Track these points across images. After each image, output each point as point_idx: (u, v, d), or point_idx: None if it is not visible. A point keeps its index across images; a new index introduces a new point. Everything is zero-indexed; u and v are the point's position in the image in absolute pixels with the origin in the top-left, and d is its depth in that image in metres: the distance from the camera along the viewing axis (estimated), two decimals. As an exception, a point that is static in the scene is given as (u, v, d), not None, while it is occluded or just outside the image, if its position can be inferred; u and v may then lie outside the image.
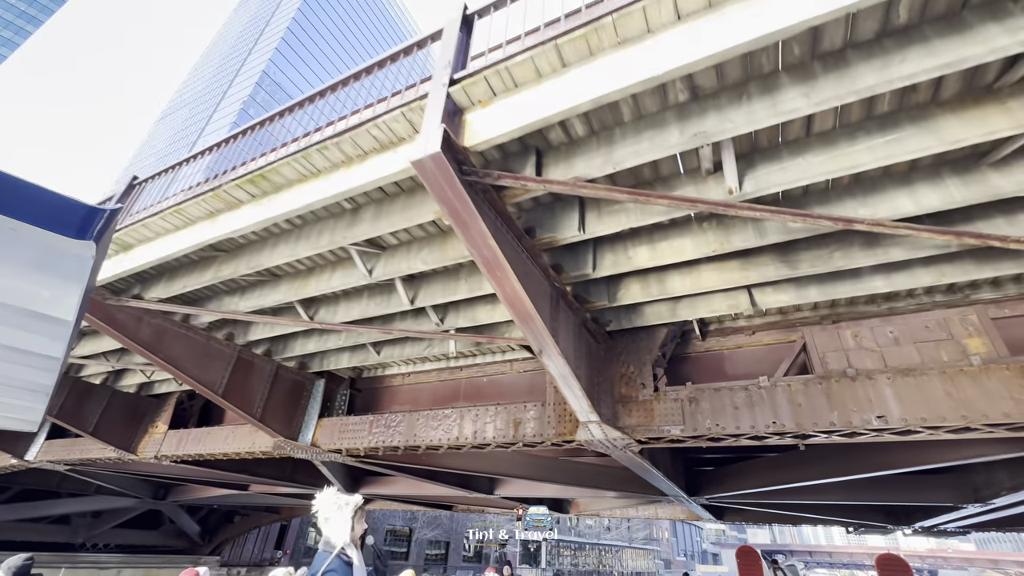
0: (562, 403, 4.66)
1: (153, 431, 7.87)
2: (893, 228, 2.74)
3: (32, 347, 2.71)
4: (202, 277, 4.31)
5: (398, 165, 2.86)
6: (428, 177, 2.47)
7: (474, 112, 2.67)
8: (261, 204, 3.46)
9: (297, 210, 3.26)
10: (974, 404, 3.24)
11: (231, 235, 3.61)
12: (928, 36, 2.04)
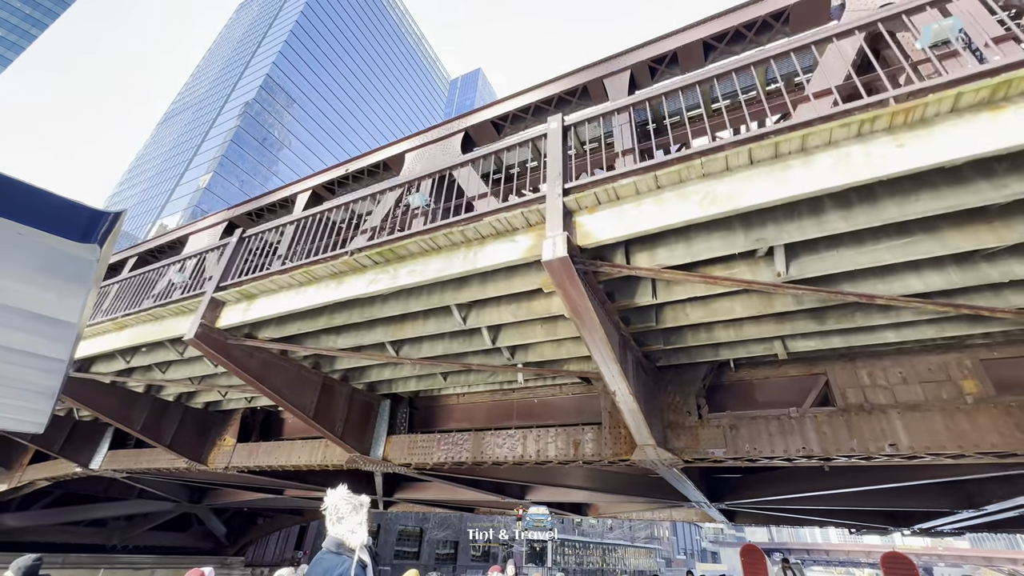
0: (617, 427, 5.43)
1: (222, 444, 8.61)
2: (905, 302, 3.53)
3: (38, 350, 2.75)
4: (315, 323, 5.06)
5: (515, 254, 3.62)
6: (553, 271, 3.23)
7: (582, 215, 3.43)
8: (385, 271, 4.21)
9: (422, 282, 4.01)
10: (968, 436, 4.03)
11: (356, 297, 4.35)
12: (937, 184, 2.81)
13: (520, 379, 6.05)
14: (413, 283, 4.04)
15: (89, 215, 1.93)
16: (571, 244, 3.25)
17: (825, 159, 2.76)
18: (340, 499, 2.35)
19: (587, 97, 8.95)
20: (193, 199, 59.96)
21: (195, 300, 5.44)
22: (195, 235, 14.07)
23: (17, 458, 12.26)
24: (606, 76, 8.28)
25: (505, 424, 6.93)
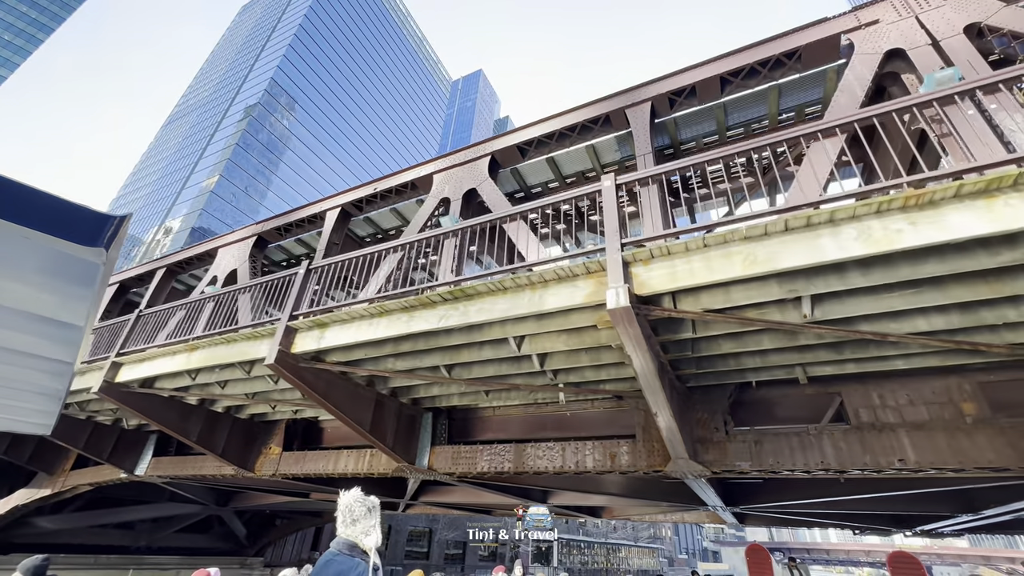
0: (650, 441, 6.00)
1: (268, 452, 9.17)
2: (913, 339, 4.10)
3: (46, 352, 2.76)
4: (381, 350, 5.62)
5: (576, 299, 4.18)
6: (615, 317, 3.80)
7: (637, 267, 4.00)
8: (455, 308, 4.77)
9: (490, 320, 4.58)
10: (967, 453, 4.61)
11: (425, 331, 4.91)
12: (944, 252, 3.38)
13: (562, 398, 6.62)
14: (482, 320, 4.61)
15: (95, 218, 1.92)
16: (630, 293, 3.83)
17: (850, 231, 3.33)
18: (354, 501, 2.34)
19: (609, 125, 9.59)
20: (199, 202, 60.46)
21: (270, 327, 6.00)
22: (224, 248, 14.68)
23: (59, 464, 12.82)
24: (628, 107, 8.90)
25: (539, 435, 7.51)
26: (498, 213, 5.54)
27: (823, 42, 7.83)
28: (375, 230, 13.89)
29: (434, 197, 10.36)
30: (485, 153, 10.30)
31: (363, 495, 2.37)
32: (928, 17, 6.89)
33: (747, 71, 8.32)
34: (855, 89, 7.12)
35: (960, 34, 6.49)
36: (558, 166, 11.02)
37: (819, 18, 8.29)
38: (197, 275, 16.72)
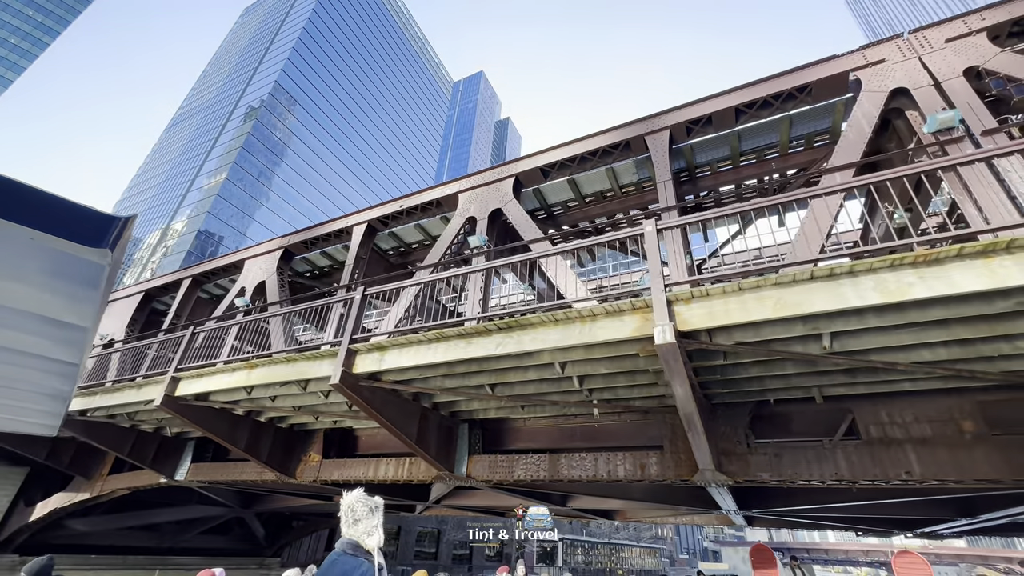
0: (678, 452, 6.57)
1: (308, 460, 9.73)
2: (920, 368, 4.68)
3: (52, 353, 2.73)
4: (435, 371, 6.18)
5: (624, 332, 4.74)
6: (661, 351, 4.37)
7: (679, 306, 4.56)
8: (510, 336, 5.34)
9: (542, 348, 5.14)
10: (966, 467, 5.18)
11: (482, 356, 5.48)
12: (948, 300, 3.95)
13: (596, 414, 7.18)
14: (535, 348, 5.17)
15: (100, 220, 1.91)
16: (675, 330, 4.39)
17: (867, 282, 3.90)
18: (356, 501, 2.33)
19: (628, 149, 10.17)
20: (204, 205, 60.92)
21: (331, 349, 6.56)
22: (251, 260, 15.26)
23: (96, 469, 13.36)
24: (647, 133, 9.49)
25: (568, 445, 8.09)
26: (539, 253, 6.10)
27: (832, 78, 8.40)
28: (398, 244, 14.47)
29: (460, 216, 10.91)
30: (510, 174, 10.86)
31: (366, 495, 2.37)
32: (931, 59, 7.44)
33: (761, 103, 8.89)
34: (863, 125, 7.68)
35: (960, 76, 7.05)
36: (578, 186, 11.59)
37: (829, 55, 8.85)
38: (222, 284, 17.27)
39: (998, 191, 4.59)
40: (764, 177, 10.66)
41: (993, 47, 7.11)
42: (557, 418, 8.19)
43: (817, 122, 9.50)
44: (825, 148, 9.81)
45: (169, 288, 17.44)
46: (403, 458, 8.67)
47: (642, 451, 6.85)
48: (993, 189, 4.62)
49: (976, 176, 4.79)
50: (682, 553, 67.26)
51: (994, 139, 6.15)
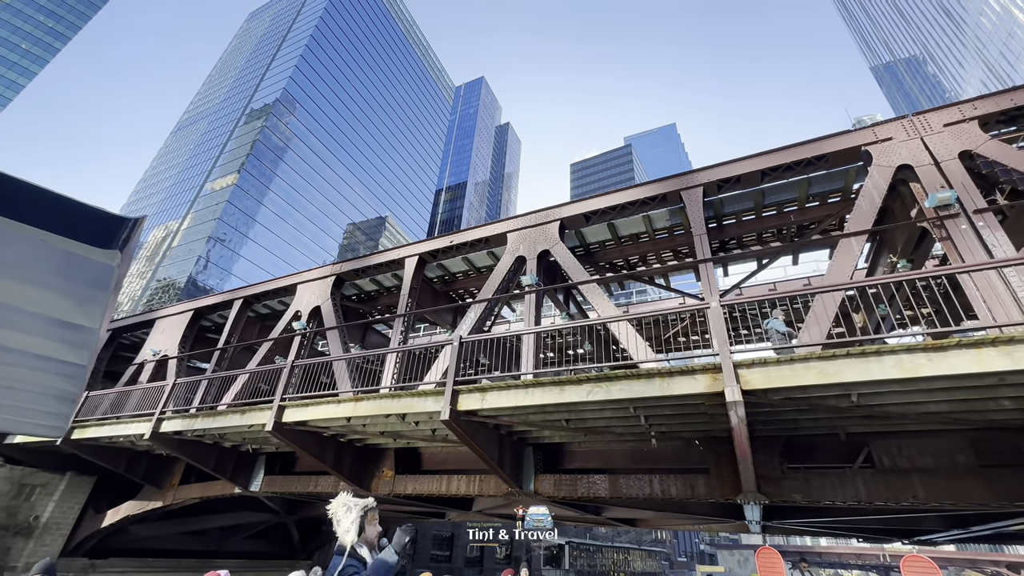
0: (722, 476, 7.89)
1: (382, 476, 10.98)
2: (925, 416, 6.04)
3: (59, 355, 2.74)
4: (527, 410, 7.47)
5: (697, 388, 6.06)
6: (730, 406, 5.69)
7: (742, 370, 5.88)
8: (600, 387, 6.64)
9: (626, 398, 6.44)
10: (961, 493, 6.54)
11: (574, 402, 6.77)
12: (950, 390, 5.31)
13: (653, 443, 8.50)
14: (620, 397, 6.49)
15: (110, 220, 1.92)
16: (740, 390, 5.72)
17: (889, 360, 5.24)
18: (337, 504, 2.45)
19: (664, 201, 11.58)
20: (215, 211, 61.78)
21: (438, 388, 7.85)
22: (304, 284, 16.56)
23: (167, 479, 14.53)
24: (683, 189, 10.90)
25: (620, 466, 9.42)
26: (607, 317, 7.42)
27: (847, 150, 9.82)
28: (443, 273, 15.81)
29: (510, 254, 12.24)
30: (555, 218, 12.22)
31: (346, 496, 2.51)
32: (931, 140, 8.86)
33: (784, 167, 10.30)
34: (874, 196, 9.09)
35: (956, 159, 8.48)
36: (615, 228, 12.98)
37: (844, 129, 10.28)
38: (270, 304, 18.48)
39: (1002, 295, 5.95)
40: (783, 227, 12.08)
41: (983, 134, 8.53)
42: (610, 442, 9.51)
43: (832, 183, 10.94)
44: (838, 204, 11.26)
45: (217, 307, 18.60)
46: (474, 475, 9.95)
47: (691, 474, 8.18)
48: (996, 293, 5.98)
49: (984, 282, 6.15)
50: (680, 556, 68.75)
51: (983, 217, 7.57)
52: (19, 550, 13.90)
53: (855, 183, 10.74)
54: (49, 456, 14.96)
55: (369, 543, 2.62)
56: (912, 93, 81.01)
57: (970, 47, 59.72)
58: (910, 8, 72.57)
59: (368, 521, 2.64)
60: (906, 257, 10.63)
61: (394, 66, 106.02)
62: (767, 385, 5.70)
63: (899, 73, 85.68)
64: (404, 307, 13.01)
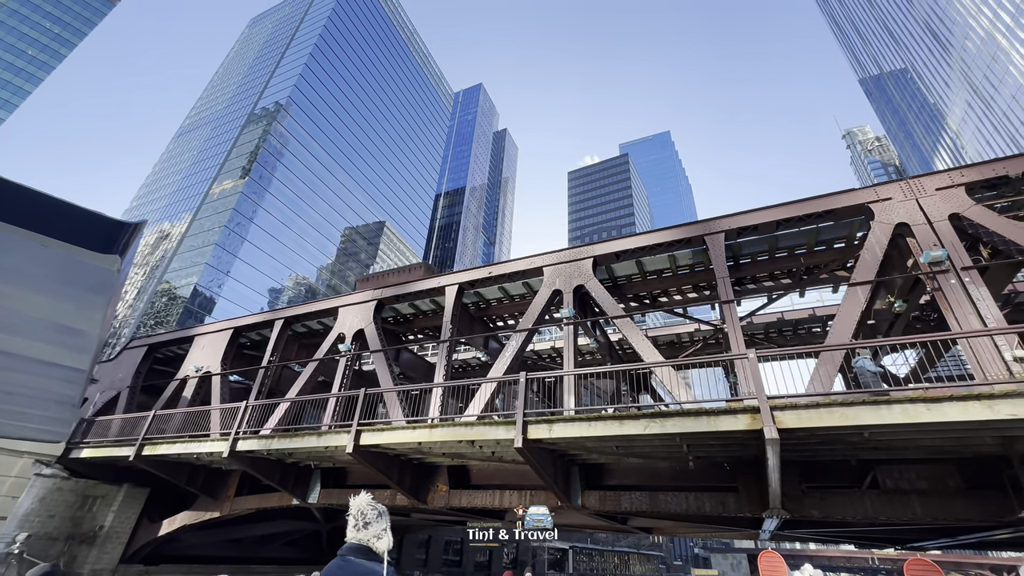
0: (750, 494, 9.22)
1: (437, 490, 12.21)
2: (922, 448, 7.44)
3: (60, 360, 3.04)
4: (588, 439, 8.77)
5: (738, 426, 7.39)
6: (767, 442, 7.03)
7: (777, 412, 7.22)
8: (655, 422, 7.95)
9: (679, 431, 7.76)
10: (951, 510, 7.93)
11: (630, 434, 8.07)
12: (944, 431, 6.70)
13: (691, 465, 9.82)
14: (672, 432, 7.80)
15: (110, 225, 2.51)
16: (777, 429, 7.06)
17: (897, 408, 6.60)
18: (365, 504, 2.36)
19: (689, 244, 12.97)
20: (221, 219, 62.44)
21: (509, 419, 9.11)
22: (345, 308, 17.78)
23: (223, 490, 15.61)
24: (706, 234, 12.30)
25: (651, 483, 10.73)
26: (653, 363, 8.74)
27: (852, 207, 11.27)
28: (479, 300, 17.10)
29: (547, 287, 13.57)
30: (589, 255, 13.58)
31: (373, 499, 2.42)
32: (925, 202, 10.31)
33: (796, 219, 11.73)
34: (876, 250, 10.52)
35: (946, 220, 9.92)
36: (642, 265, 14.36)
37: (849, 188, 11.76)
38: (308, 324, 19.62)
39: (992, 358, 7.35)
40: (794, 268, 13.54)
41: (969, 199, 10.00)
42: (643, 461, 10.83)
43: (837, 232, 12.42)
44: (843, 250, 12.72)
45: (256, 326, 19.71)
46: (525, 490, 11.22)
47: (722, 491, 9.53)
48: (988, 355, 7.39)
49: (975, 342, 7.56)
50: (676, 560, 70.26)
51: (969, 274, 9.01)
52: (84, 557, 14.91)
53: (859, 232, 12.22)
54: (107, 468, 15.95)
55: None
56: (900, 109, 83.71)
57: (956, 68, 62.20)
58: (899, 29, 75.16)
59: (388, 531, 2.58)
60: (902, 298, 12.12)
61: (395, 74, 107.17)
62: (797, 425, 7.05)
63: (887, 89, 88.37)
64: (447, 333, 14.26)
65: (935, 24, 64.73)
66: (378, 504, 2.46)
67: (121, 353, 23.08)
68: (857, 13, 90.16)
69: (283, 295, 70.24)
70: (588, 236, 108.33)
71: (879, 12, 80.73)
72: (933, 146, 75.05)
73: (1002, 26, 52.06)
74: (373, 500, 2.47)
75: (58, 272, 2.50)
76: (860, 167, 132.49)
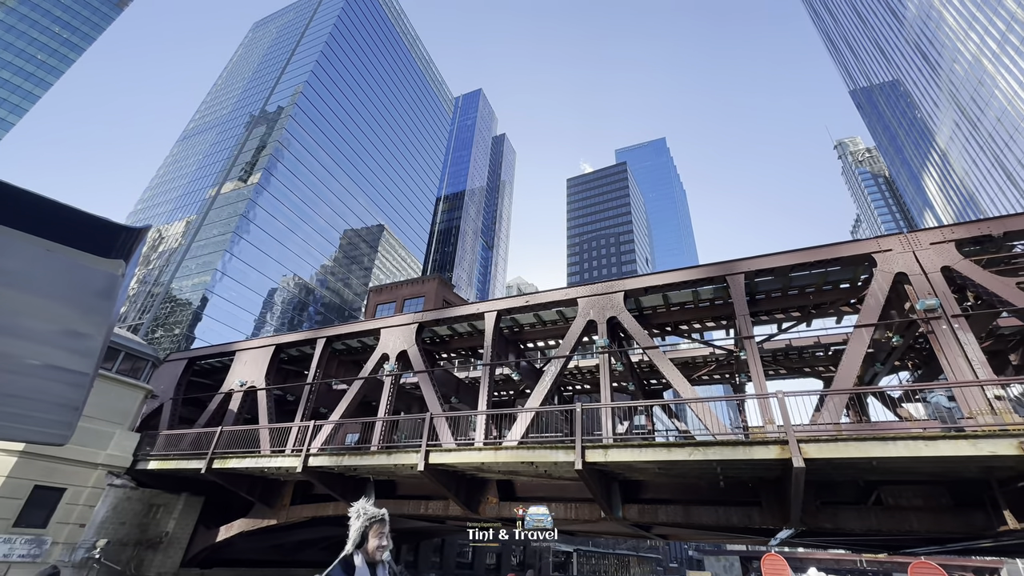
0: (773, 509, 10.77)
1: (488, 502, 13.64)
2: (919, 473, 9.03)
3: (65, 363, 2.79)
4: (638, 463, 10.26)
5: (770, 455, 8.92)
6: (795, 470, 8.57)
7: (803, 444, 8.76)
8: (698, 450, 9.46)
9: (718, 458, 9.28)
10: (943, 525, 9.53)
11: (674, 460, 9.58)
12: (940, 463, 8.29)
13: (721, 484, 11.36)
14: (713, 459, 9.32)
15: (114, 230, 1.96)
16: (803, 458, 8.61)
17: (901, 444, 8.17)
18: (352, 510, 2.50)
19: (711, 281, 14.54)
20: (230, 224, 63.27)
21: (569, 443, 10.58)
22: (387, 329, 19.20)
23: (278, 499, 16.91)
24: (728, 274, 13.90)
25: (681, 497, 12.26)
26: (687, 399, 10.24)
27: (857, 256, 12.88)
28: (513, 324, 18.57)
29: (582, 317, 15.08)
30: (620, 289, 15.12)
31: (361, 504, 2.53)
32: (921, 255, 11.94)
33: (808, 264, 13.34)
34: (878, 296, 12.14)
35: (939, 272, 11.56)
36: (667, 297, 15.92)
37: (854, 239, 13.44)
38: (348, 343, 20.96)
39: (978, 396, 8.96)
40: (803, 304, 15.17)
41: (958, 255, 11.64)
42: (673, 477, 12.35)
43: (843, 275, 14.06)
44: (847, 290, 14.34)
45: (296, 343, 21.00)
46: (571, 503, 12.70)
47: (747, 506, 11.07)
48: (975, 394, 8.99)
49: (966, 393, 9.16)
50: (672, 562, 72.06)
51: (959, 321, 10.64)
52: (150, 562, 16.14)
53: (862, 275, 13.85)
54: (168, 479, 17.20)
55: (368, 555, 2.56)
56: (891, 125, 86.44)
57: (944, 89, 64.74)
58: (890, 48, 77.78)
59: (373, 533, 2.58)
60: (899, 334, 13.78)
61: (398, 81, 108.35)
62: (819, 456, 8.60)
63: (879, 104, 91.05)
64: (488, 357, 15.72)
65: (925, 46, 67.30)
66: (362, 506, 2.56)
67: (162, 366, 24.24)
68: (850, 30, 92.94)
69: (290, 300, 71.20)
70: (587, 243, 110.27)
71: (871, 31, 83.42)
72: (922, 162, 77.80)
73: (989, 52, 54.54)
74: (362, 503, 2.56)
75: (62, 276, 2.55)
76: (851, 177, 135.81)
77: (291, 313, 71.56)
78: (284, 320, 69.97)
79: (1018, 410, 10.83)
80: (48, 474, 14.34)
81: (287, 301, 71.15)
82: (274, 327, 67.36)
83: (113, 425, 16.20)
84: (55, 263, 2.00)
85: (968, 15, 56.94)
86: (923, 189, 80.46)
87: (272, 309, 68.09)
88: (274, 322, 68.05)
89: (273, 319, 68.04)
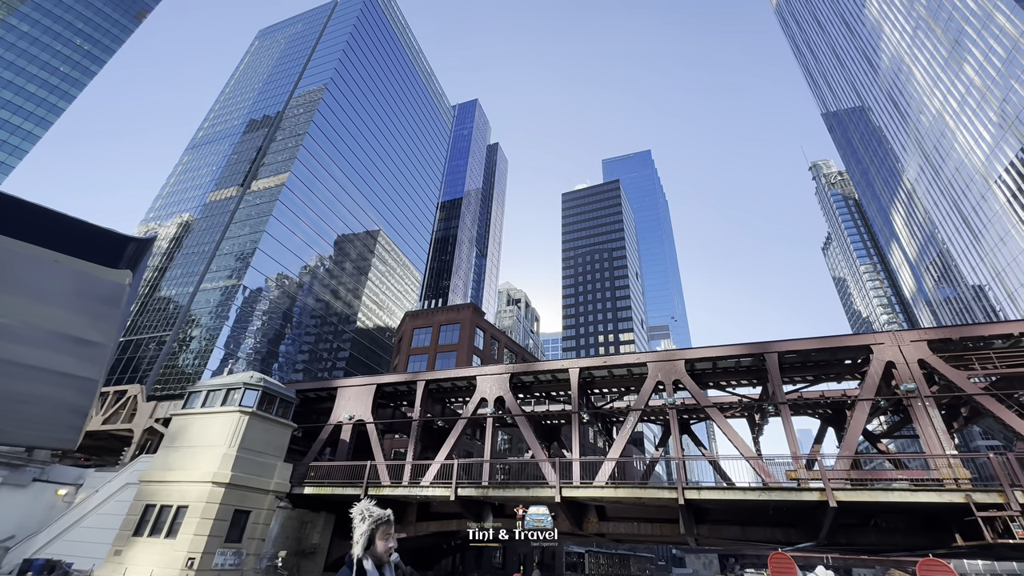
0: (807, 529, 15.72)
1: (589, 522, 18.27)
2: (912, 504, 14.13)
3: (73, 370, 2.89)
4: (722, 500, 15.04)
5: (811, 497, 13.82)
6: (827, 507, 13.49)
7: (836, 491, 13.69)
8: (764, 492, 14.29)
9: (740, 499, 14.13)
10: (920, 542, 14.64)
11: (747, 499, 14.38)
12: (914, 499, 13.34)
13: (771, 512, 16.24)
14: (771, 499, 14.16)
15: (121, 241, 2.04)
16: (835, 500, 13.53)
17: (895, 494, 13.16)
18: (355, 511, 2.50)
19: (751, 356, 19.62)
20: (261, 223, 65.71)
21: (670, 486, 15.28)
22: (483, 377, 23.86)
23: (405, 517, 21.15)
24: (765, 352, 18.99)
25: (738, 520, 17.19)
26: (748, 455, 15.17)
27: (859, 346, 18.05)
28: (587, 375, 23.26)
29: (651, 379, 19.97)
30: (681, 357, 20.06)
31: (365, 505, 2.57)
32: (904, 349, 17.20)
33: (824, 350, 18.49)
34: (875, 378, 17.36)
35: (916, 363, 16.81)
36: (715, 362, 20.93)
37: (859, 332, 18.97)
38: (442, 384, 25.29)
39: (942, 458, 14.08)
40: (817, 372, 20.36)
41: (930, 351, 16.89)
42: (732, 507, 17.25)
43: (848, 355, 19.27)
44: (850, 365, 19.54)
45: (394, 383, 25.17)
46: (657, 523, 17.45)
47: (787, 527, 16.02)
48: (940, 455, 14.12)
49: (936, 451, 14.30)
50: (661, 561, 78.08)
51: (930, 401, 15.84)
52: (304, 568, 20.19)
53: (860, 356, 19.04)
54: (312, 500, 21.20)
55: (376, 557, 2.57)
56: (864, 160, 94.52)
57: (911, 136, 72.33)
58: (865, 92, 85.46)
59: (380, 535, 2.58)
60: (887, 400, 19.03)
61: (403, 95, 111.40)
62: (845, 500, 13.54)
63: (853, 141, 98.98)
64: (575, 406, 20.40)
65: (896, 95, 74.85)
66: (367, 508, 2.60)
67: (265, 397, 27.93)
68: (830, 72, 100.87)
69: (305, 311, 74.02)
70: (581, 256, 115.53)
71: (849, 75, 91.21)
72: (891, 196, 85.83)
73: (950, 109, 61.91)
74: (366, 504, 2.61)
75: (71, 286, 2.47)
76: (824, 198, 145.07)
77: (306, 324, 74.40)
78: (299, 331, 72.83)
79: (966, 463, 16.09)
80: (241, 500, 18.31)
81: (303, 312, 73.94)
82: (290, 338, 70.19)
83: (275, 458, 20.21)
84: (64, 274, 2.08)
85: (934, 74, 64.28)
86: (890, 222, 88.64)
87: (291, 321, 70.85)
88: (291, 332, 70.85)
89: (291, 330, 70.81)
